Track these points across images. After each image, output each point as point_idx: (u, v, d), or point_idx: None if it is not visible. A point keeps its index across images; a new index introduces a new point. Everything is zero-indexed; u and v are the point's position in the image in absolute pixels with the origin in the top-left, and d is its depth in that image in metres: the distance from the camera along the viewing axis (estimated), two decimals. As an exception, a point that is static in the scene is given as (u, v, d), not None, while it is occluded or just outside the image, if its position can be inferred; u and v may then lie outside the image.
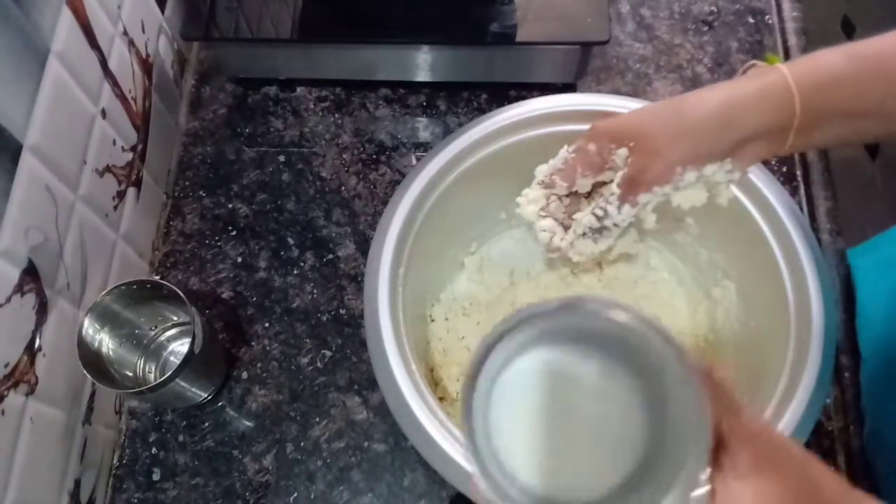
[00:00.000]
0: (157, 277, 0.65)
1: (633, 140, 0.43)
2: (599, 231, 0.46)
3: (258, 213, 0.68)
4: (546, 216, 0.48)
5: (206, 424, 0.60)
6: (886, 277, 0.58)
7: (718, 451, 0.27)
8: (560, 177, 0.46)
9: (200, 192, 0.70)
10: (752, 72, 0.43)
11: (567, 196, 0.48)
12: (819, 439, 0.58)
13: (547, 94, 0.56)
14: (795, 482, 0.27)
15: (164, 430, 0.60)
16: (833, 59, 0.40)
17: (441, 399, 0.56)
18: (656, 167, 0.42)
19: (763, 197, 0.51)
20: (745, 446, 0.27)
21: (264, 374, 0.62)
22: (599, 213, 0.45)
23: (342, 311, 0.64)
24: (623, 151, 0.43)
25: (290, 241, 0.67)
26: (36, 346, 0.50)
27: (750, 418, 0.28)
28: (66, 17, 0.53)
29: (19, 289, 0.48)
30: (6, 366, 0.47)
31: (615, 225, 0.45)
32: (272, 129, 0.72)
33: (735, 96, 0.41)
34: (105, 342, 0.55)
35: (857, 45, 0.41)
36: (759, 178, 0.51)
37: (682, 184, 0.43)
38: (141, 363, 0.60)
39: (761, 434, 0.28)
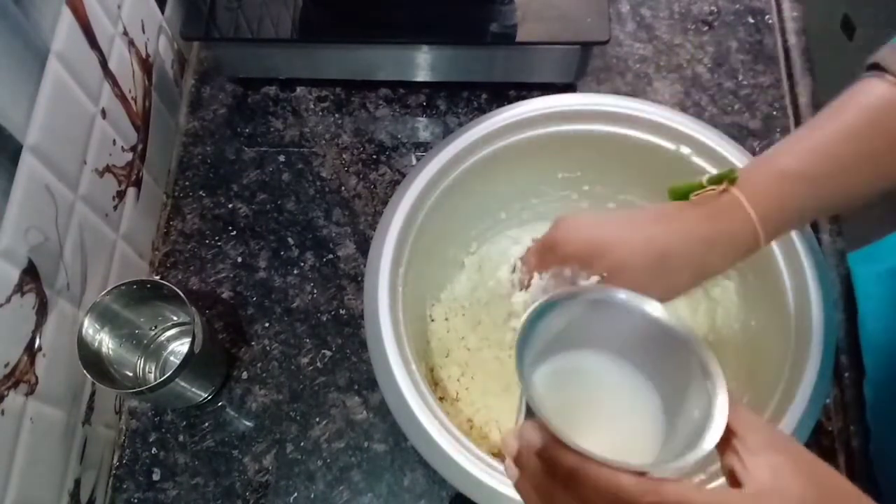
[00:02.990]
0: (157, 277, 0.65)
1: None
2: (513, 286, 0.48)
3: (258, 213, 0.68)
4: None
5: (206, 424, 0.60)
6: (887, 289, 0.58)
7: (728, 438, 0.29)
8: None
9: (200, 192, 0.70)
10: (710, 206, 0.42)
11: None
12: (819, 439, 0.58)
13: (547, 94, 0.56)
14: (806, 461, 0.29)
15: (164, 430, 0.60)
16: (794, 188, 0.40)
17: (441, 399, 0.56)
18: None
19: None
20: (752, 432, 0.29)
21: (264, 374, 0.62)
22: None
23: (342, 311, 0.64)
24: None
25: (290, 241, 0.67)
26: (36, 346, 0.50)
27: (750, 413, 0.30)
28: (66, 17, 0.53)
29: (19, 289, 0.48)
30: (6, 366, 0.47)
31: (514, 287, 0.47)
32: (272, 129, 0.72)
33: (677, 246, 0.41)
34: (105, 342, 0.55)
35: (800, 133, 0.41)
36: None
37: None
38: (141, 363, 0.60)
39: (764, 425, 0.30)
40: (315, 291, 0.65)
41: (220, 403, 0.61)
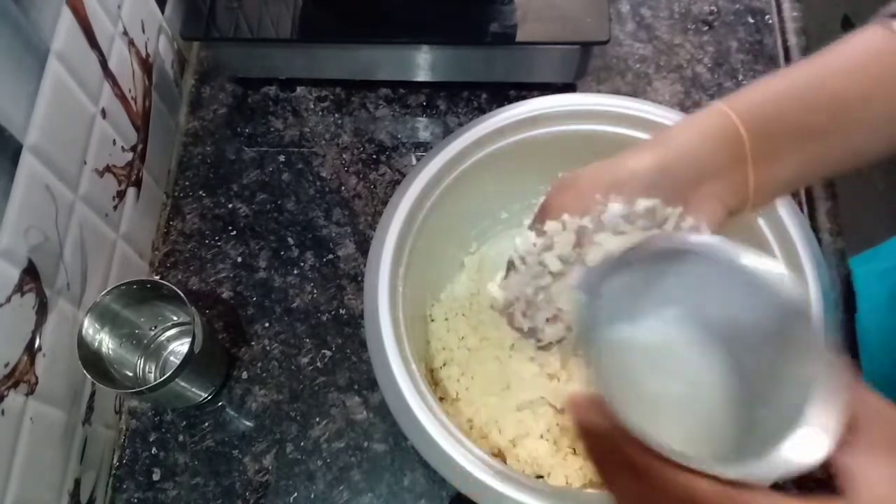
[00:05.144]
0: (157, 277, 0.65)
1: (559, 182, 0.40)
2: (511, 265, 0.44)
3: (258, 213, 0.68)
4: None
5: (206, 424, 0.60)
6: (886, 287, 0.58)
7: (846, 429, 0.25)
8: None
9: (200, 192, 0.70)
10: (688, 116, 0.41)
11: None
12: (819, 439, 0.58)
13: (547, 94, 0.56)
14: None
15: (164, 430, 0.60)
16: (770, 82, 0.39)
17: (441, 399, 0.56)
18: (568, 194, 0.39)
19: (763, 197, 0.51)
20: (880, 424, 0.24)
21: (264, 374, 0.62)
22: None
23: (342, 311, 0.64)
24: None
25: (290, 241, 0.67)
26: (36, 346, 0.50)
27: (878, 398, 0.25)
28: (66, 16, 0.53)
29: (19, 289, 0.48)
30: (6, 366, 0.47)
31: (520, 258, 0.42)
32: (272, 129, 0.72)
33: (672, 137, 0.38)
34: (105, 342, 0.55)
35: (791, 68, 0.40)
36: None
37: (605, 216, 0.38)
38: (141, 363, 0.60)
39: (887, 410, 0.25)
40: (315, 291, 0.65)
41: (220, 403, 0.61)
